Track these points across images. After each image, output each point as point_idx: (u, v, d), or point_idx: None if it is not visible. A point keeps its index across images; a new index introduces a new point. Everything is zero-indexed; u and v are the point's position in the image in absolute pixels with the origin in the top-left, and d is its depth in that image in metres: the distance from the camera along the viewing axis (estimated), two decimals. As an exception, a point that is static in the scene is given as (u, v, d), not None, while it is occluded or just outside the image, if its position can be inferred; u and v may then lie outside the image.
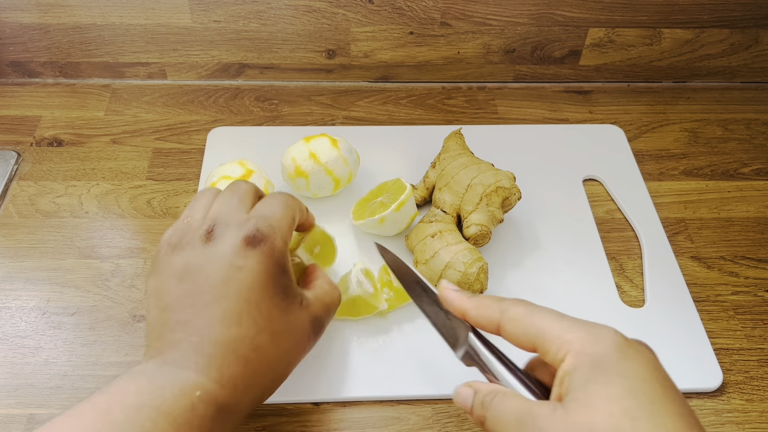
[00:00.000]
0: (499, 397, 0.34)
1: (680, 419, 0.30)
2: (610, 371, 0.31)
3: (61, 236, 0.55)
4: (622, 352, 0.32)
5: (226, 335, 0.35)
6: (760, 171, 0.64)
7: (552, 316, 0.35)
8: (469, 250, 0.49)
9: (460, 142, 0.57)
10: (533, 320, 0.35)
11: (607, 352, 0.32)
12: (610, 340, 0.33)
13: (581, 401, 0.31)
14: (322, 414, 0.45)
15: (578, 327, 0.34)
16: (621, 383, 0.31)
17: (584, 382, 0.31)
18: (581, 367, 0.32)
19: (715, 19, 0.68)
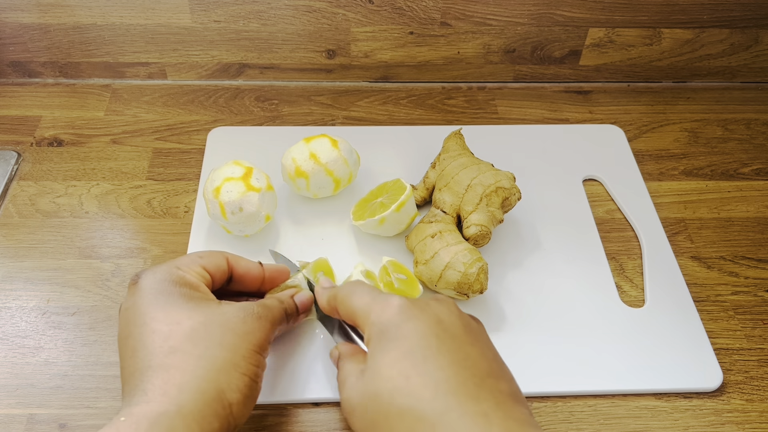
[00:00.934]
0: (344, 360, 0.39)
1: (450, 367, 0.33)
2: (391, 337, 0.35)
3: (61, 236, 0.55)
4: (404, 315, 0.35)
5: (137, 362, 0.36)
6: (760, 171, 0.64)
7: (362, 294, 0.39)
8: (469, 251, 0.49)
9: (460, 142, 0.57)
10: (351, 300, 0.39)
11: (390, 319, 0.36)
12: (394, 307, 0.36)
13: (371, 370, 0.35)
14: (323, 414, 0.45)
15: (374, 301, 0.37)
16: (398, 347, 0.34)
17: (373, 352, 0.35)
18: (373, 338, 0.36)
19: (715, 19, 0.68)
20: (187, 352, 0.35)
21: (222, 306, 0.39)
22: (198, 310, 0.38)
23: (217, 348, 0.36)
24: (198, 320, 0.37)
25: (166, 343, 0.35)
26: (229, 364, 0.36)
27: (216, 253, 0.43)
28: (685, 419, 0.46)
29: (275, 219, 0.56)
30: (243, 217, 0.51)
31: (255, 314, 0.39)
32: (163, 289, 0.38)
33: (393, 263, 0.51)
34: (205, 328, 0.37)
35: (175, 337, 0.36)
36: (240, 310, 0.39)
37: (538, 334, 0.50)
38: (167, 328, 0.36)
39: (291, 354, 0.47)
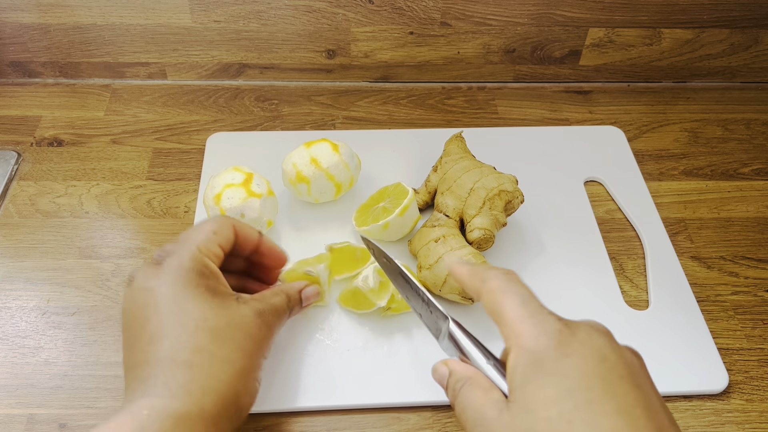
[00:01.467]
0: (467, 387, 0.34)
1: (618, 416, 0.29)
2: (548, 371, 0.31)
3: (61, 236, 0.55)
4: (562, 349, 0.31)
5: (159, 351, 0.35)
6: (760, 171, 0.64)
7: (516, 300, 0.34)
8: (473, 255, 0.49)
9: (462, 145, 0.57)
10: (501, 298, 0.35)
11: (547, 350, 0.32)
12: (551, 336, 0.32)
13: (521, 404, 0.31)
14: (322, 415, 0.45)
15: (529, 318, 0.33)
16: (558, 384, 0.30)
17: (523, 383, 0.31)
18: (522, 365, 0.32)
19: (715, 19, 0.68)
20: (213, 354, 0.35)
21: (240, 307, 0.38)
22: (221, 308, 0.37)
23: (238, 353, 0.36)
24: (222, 321, 0.37)
25: (192, 340, 0.35)
26: (246, 371, 0.37)
27: (226, 224, 0.42)
28: (685, 419, 0.46)
29: (276, 224, 0.56)
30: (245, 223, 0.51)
31: (267, 323, 0.39)
32: (190, 280, 0.37)
33: (404, 266, 0.51)
34: (228, 330, 0.37)
35: (201, 335, 0.36)
36: (257, 316, 0.39)
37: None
38: (194, 324, 0.36)
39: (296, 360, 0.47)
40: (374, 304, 0.48)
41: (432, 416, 0.45)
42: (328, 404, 0.45)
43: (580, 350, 0.31)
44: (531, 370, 0.31)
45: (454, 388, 0.35)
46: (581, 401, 0.30)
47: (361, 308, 0.49)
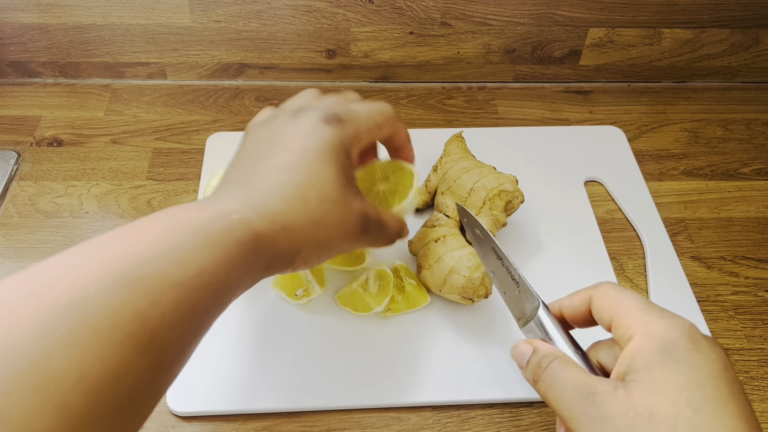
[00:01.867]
0: (558, 362, 0.34)
1: (740, 421, 0.30)
2: (680, 360, 0.31)
3: (61, 236, 0.55)
4: (695, 344, 0.32)
5: (276, 178, 0.35)
6: (760, 171, 0.64)
7: (640, 299, 0.35)
8: (473, 255, 0.48)
9: (462, 145, 0.57)
10: (618, 295, 0.35)
11: (679, 340, 0.32)
12: (683, 329, 0.32)
13: (645, 383, 0.31)
14: (322, 414, 0.45)
15: (654, 310, 0.34)
16: (689, 373, 0.31)
17: (650, 365, 0.31)
18: (648, 349, 0.32)
19: (715, 19, 0.68)
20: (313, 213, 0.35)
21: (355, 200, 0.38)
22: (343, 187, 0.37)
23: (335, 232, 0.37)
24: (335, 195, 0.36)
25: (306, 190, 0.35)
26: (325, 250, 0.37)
27: (391, 122, 0.42)
28: (685, 419, 0.46)
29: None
30: None
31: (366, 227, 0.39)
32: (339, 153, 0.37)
33: (404, 267, 0.51)
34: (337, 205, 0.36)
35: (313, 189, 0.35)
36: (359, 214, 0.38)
37: (539, 335, 0.49)
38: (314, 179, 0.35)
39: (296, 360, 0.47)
40: (372, 308, 0.48)
41: (432, 416, 0.46)
42: (328, 404, 0.45)
43: (710, 351, 0.32)
44: (660, 354, 0.31)
45: (539, 364, 0.35)
46: (710, 396, 0.30)
47: (359, 310, 0.49)
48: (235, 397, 0.45)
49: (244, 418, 0.45)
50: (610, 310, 0.35)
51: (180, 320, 0.28)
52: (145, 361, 0.27)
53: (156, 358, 0.27)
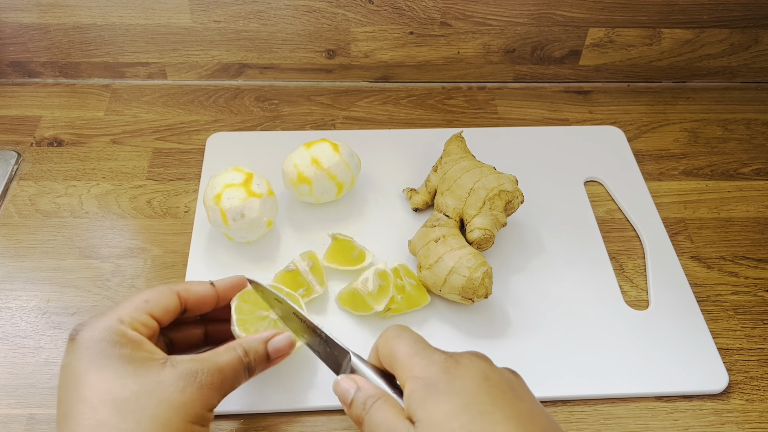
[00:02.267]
0: (380, 403, 0.36)
1: (508, 423, 0.33)
2: (442, 391, 0.34)
3: (61, 236, 0.55)
4: (450, 374, 0.35)
5: (63, 428, 0.34)
6: (760, 171, 0.64)
7: (408, 342, 0.37)
8: (473, 255, 0.48)
9: (462, 145, 0.57)
10: (393, 343, 0.38)
11: (438, 375, 0.35)
12: (439, 364, 0.35)
13: (425, 422, 0.34)
14: (322, 415, 0.45)
15: (417, 354, 0.36)
16: (453, 401, 0.34)
17: (423, 403, 0.34)
18: (417, 391, 0.35)
19: (715, 19, 0.68)
20: (114, 427, 0.33)
21: (163, 371, 0.35)
22: (134, 376, 0.35)
23: (147, 422, 0.33)
24: (131, 389, 0.34)
25: (93, 416, 0.33)
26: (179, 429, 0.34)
27: (165, 293, 0.40)
28: (685, 419, 0.46)
29: (276, 225, 0.56)
30: (245, 223, 0.51)
31: (197, 383, 0.36)
32: (100, 351, 0.35)
33: (404, 267, 0.51)
34: (137, 399, 0.34)
35: (103, 409, 0.33)
36: (180, 378, 0.35)
37: (544, 338, 0.49)
38: (97, 398, 0.33)
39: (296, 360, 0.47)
40: (371, 308, 0.48)
41: (432, 416, 0.45)
42: (328, 404, 0.45)
43: (466, 373, 0.35)
44: (426, 392, 0.34)
45: (364, 404, 0.37)
46: (476, 413, 0.33)
47: (359, 310, 0.49)
48: (234, 397, 0.45)
49: (243, 418, 0.45)
50: (388, 362, 0.38)
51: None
52: None
53: None
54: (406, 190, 0.59)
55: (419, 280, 0.51)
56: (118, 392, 0.34)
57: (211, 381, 0.36)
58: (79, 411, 0.33)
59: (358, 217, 0.57)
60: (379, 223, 0.57)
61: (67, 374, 0.35)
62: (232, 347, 0.39)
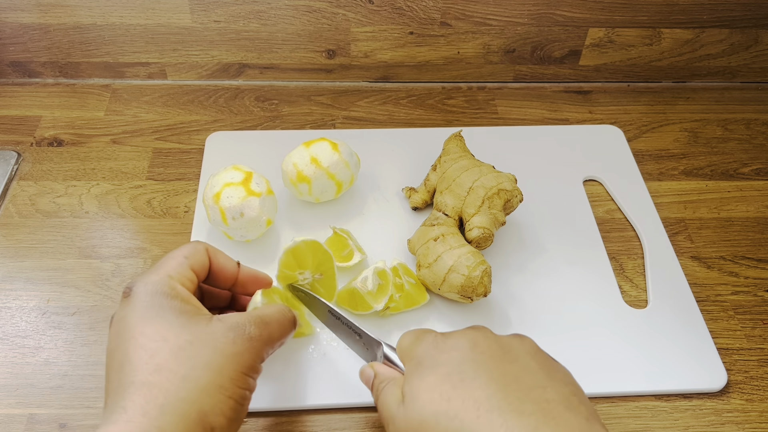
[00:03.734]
0: (387, 386, 0.39)
1: (489, 385, 0.34)
2: (427, 366, 0.36)
3: (61, 236, 0.55)
4: (438, 348, 0.37)
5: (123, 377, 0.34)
6: (760, 171, 0.64)
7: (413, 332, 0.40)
8: (472, 254, 0.48)
9: (461, 144, 0.57)
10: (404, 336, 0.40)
11: (425, 351, 0.37)
12: (427, 342, 0.38)
13: (410, 395, 0.36)
14: (322, 414, 0.45)
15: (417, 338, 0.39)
16: (436, 373, 0.35)
17: (410, 380, 0.36)
18: (409, 369, 0.38)
19: (715, 19, 0.68)
20: (172, 371, 0.34)
21: (212, 323, 0.37)
22: (187, 327, 0.36)
23: (202, 369, 0.35)
24: (185, 338, 0.36)
25: (152, 360, 0.34)
26: (214, 387, 0.35)
27: (199, 248, 0.41)
28: (685, 419, 0.46)
29: (276, 224, 0.56)
30: (244, 222, 0.51)
31: (246, 335, 0.37)
32: (155, 303, 0.37)
33: (403, 266, 0.51)
34: (192, 346, 0.35)
35: (161, 354, 0.35)
36: (230, 330, 0.37)
37: (543, 337, 0.49)
38: (154, 344, 0.35)
39: (296, 359, 0.47)
40: (371, 307, 0.48)
41: (432, 416, 0.45)
42: (328, 403, 0.45)
43: (453, 344, 0.37)
44: (414, 370, 0.37)
45: (377, 389, 0.40)
46: (456, 381, 0.34)
47: (359, 309, 0.49)
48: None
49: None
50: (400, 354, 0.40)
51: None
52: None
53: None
54: (405, 189, 0.59)
55: (418, 278, 0.51)
56: (173, 340, 0.35)
57: (259, 333, 0.38)
58: (138, 356, 0.35)
59: (357, 216, 0.57)
60: (378, 222, 0.57)
61: (123, 326, 0.36)
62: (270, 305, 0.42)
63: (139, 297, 0.37)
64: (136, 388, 0.34)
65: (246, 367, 0.37)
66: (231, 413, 0.35)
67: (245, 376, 0.37)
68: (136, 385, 0.34)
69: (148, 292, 0.37)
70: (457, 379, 0.34)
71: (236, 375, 0.36)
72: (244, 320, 0.38)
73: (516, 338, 0.38)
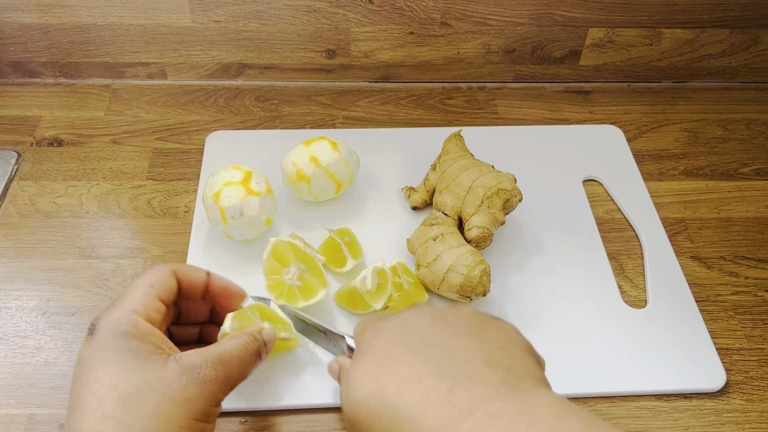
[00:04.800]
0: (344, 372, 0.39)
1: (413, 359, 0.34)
2: (363, 350, 0.37)
3: (61, 236, 0.55)
4: (374, 332, 0.37)
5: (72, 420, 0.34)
6: (760, 171, 0.64)
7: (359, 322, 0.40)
8: (472, 253, 0.48)
9: (460, 144, 0.57)
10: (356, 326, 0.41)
11: (364, 338, 0.38)
12: (368, 328, 0.39)
13: (349, 383, 0.36)
14: (323, 414, 0.45)
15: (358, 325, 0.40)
16: (368, 356, 0.36)
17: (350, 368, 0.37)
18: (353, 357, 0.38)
19: (715, 19, 0.68)
20: (119, 420, 0.33)
21: (166, 366, 0.36)
22: (139, 371, 0.35)
23: (149, 418, 0.34)
24: (136, 384, 0.35)
25: (99, 408, 0.34)
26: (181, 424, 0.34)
27: (165, 273, 0.40)
28: (685, 419, 0.46)
29: (275, 223, 0.56)
30: (244, 221, 0.51)
31: (200, 379, 0.36)
32: (113, 344, 0.36)
33: (402, 265, 0.51)
34: (141, 393, 0.34)
35: (108, 402, 0.34)
36: (183, 374, 0.36)
37: (542, 337, 0.49)
38: (104, 390, 0.34)
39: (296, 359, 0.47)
40: (370, 306, 0.48)
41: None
42: (328, 402, 0.45)
43: (388, 327, 0.37)
44: (355, 357, 0.37)
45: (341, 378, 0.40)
46: (385, 362, 0.35)
47: (358, 309, 0.49)
48: (235, 396, 0.45)
49: (243, 416, 0.45)
50: None
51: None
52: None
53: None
54: (404, 188, 0.59)
55: (417, 278, 0.51)
56: (123, 387, 0.34)
57: (215, 375, 0.37)
58: (87, 402, 0.34)
59: (356, 215, 0.57)
60: (378, 221, 0.57)
61: (82, 367, 0.36)
62: (235, 336, 0.40)
63: (100, 336, 0.36)
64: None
65: (198, 414, 0.35)
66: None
67: (197, 422, 0.35)
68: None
69: (108, 331, 0.36)
70: (386, 359, 0.35)
71: (187, 422, 0.35)
72: (200, 362, 0.37)
73: (452, 308, 0.39)
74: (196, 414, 0.35)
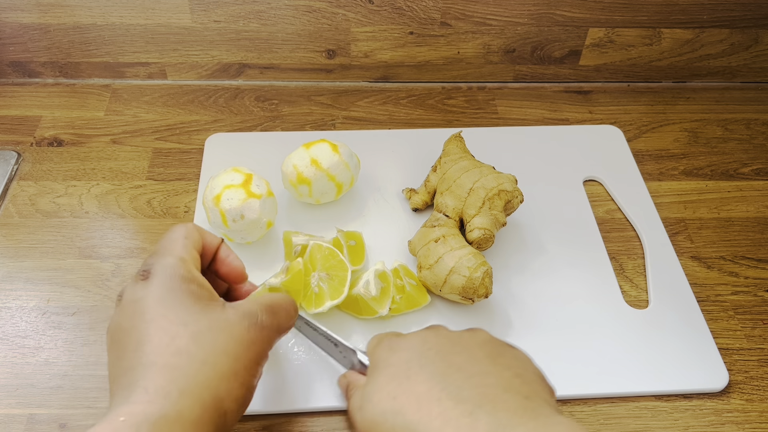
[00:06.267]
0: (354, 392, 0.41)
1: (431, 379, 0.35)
2: (380, 368, 0.38)
3: (61, 236, 0.55)
4: (391, 349, 0.39)
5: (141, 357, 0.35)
6: (760, 171, 0.64)
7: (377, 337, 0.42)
8: (473, 255, 0.48)
9: (461, 145, 0.57)
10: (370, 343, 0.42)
11: (380, 354, 0.39)
12: (384, 344, 0.40)
13: (365, 399, 0.37)
14: (323, 416, 0.45)
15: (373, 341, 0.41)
16: (385, 374, 0.37)
17: (366, 383, 0.38)
18: (368, 373, 0.39)
19: (715, 19, 0.68)
20: (192, 355, 0.35)
21: (226, 310, 0.38)
22: (204, 312, 0.37)
23: (221, 355, 0.36)
24: (204, 324, 0.36)
25: (173, 343, 0.35)
26: (230, 373, 0.36)
27: (192, 228, 0.42)
28: (685, 419, 0.46)
29: (276, 226, 0.56)
30: (244, 224, 0.51)
31: (259, 323, 0.38)
32: (173, 287, 0.37)
33: (404, 267, 0.51)
34: (210, 332, 0.36)
35: (181, 337, 0.35)
36: (244, 318, 0.37)
37: (543, 338, 0.50)
38: (175, 328, 0.35)
39: (297, 360, 0.47)
40: (376, 311, 0.48)
41: (432, 416, 0.45)
42: (328, 405, 0.45)
43: (404, 345, 0.39)
44: (370, 373, 0.39)
45: (349, 396, 0.42)
46: (402, 379, 0.36)
47: (362, 314, 0.49)
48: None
49: (244, 418, 0.45)
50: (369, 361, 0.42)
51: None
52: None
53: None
54: (405, 190, 0.59)
55: (419, 280, 0.51)
56: (192, 325, 0.36)
57: (270, 321, 0.39)
58: (159, 338, 0.35)
59: (357, 217, 0.57)
60: (379, 223, 0.57)
61: (140, 306, 0.36)
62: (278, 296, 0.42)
63: (160, 279, 0.37)
64: (157, 369, 0.34)
65: (259, 355, 0.38)
66: (242, 400, 0.37)
67: (257, 364, 0.38)
68: (158, 366, 0.34)
69: (168, 275, 0.38)
70: (404, 377, 0.36)
71: (250, 363, 0.37)
72: (256, 308, 0.38)
73: (468, 331, 0.39)
74: (257, 355, 0.37)
